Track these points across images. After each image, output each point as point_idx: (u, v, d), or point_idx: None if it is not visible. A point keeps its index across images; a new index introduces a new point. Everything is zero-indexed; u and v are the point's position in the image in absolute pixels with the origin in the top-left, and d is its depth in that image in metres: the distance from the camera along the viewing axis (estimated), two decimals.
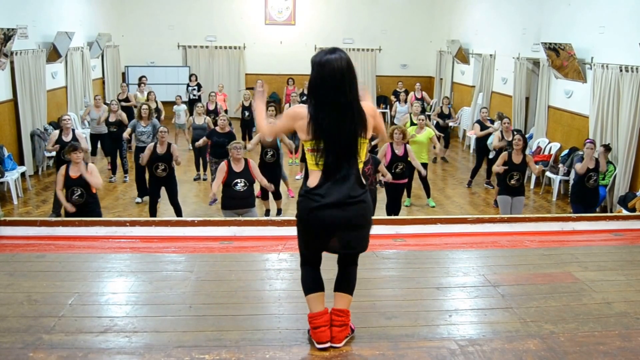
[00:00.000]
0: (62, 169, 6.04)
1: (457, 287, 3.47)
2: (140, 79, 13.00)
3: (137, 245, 4.20)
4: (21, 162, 9.41)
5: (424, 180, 8.63)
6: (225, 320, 2.97)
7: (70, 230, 4.36)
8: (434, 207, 8.66)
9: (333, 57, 2.53)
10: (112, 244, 4.22)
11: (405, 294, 3.36)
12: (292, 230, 2.82)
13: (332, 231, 2.60)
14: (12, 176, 8.47)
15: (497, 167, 6.95)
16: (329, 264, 2.81)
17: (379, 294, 3.35)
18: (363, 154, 2.63)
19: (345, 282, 2.74)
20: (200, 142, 8.71)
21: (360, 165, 2.63)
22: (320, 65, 2.55)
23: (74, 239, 4.27)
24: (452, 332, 2.90)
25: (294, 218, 2.77)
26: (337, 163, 2.56)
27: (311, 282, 2.73)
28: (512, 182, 6.85)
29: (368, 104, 2.65)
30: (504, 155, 6.97)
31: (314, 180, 2.59)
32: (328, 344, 2.67)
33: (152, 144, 7.42)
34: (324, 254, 2.75)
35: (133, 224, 4.41)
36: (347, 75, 2.53)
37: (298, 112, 2.64)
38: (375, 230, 4.43)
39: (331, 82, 2.52)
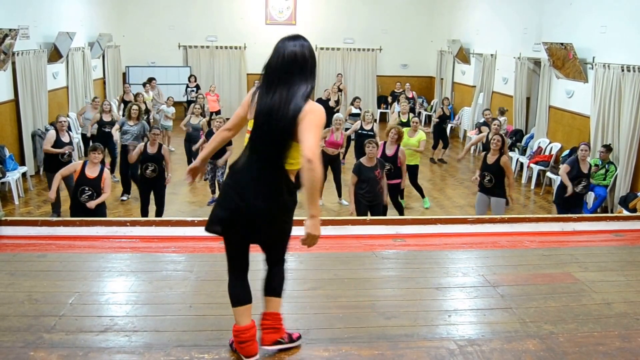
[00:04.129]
0: (80, 164, 6.06)
1: (457, 287, 3.48)
2: (150, 80, 13.05)
3: (137, 245, 4.21)
4: (22, 162, 9.41)
5: (414, 182, 8.60)
6: (225, 320, 2.97)
7: (71, 230, 4.37)
8: (427, 207, 8.62)
9: (289, 44, 2.48)
10: (112, 243, 4.23)
11: (405, 294, 3.37)
12: (292, 231, 2.81)
13: (240, 221, 2.49)
14: (13, 176, 8.48)
15: (471, 141, 6.86)
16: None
17: (379, 294, 3.36)
18: (293, 154, 2.44)
19: (273, 284, 2.65)
20: (198, 144, 8.70)
21: (293, 167, 2.46)
22: (275, 49, 2.51)
23: (74, 239, 4.28)
24: (451, 332, 2.90)
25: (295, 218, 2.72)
26: (259, 151, 2.45)
27: (238, 292, 2.60)
28: (485, 181, 6.69)
29: (316, 107, 2.44)
30: (482, 137, 6.80)
31: (237, 161, 2.54)
32: (257, 357, 2.58)
33: (143, 143, 7.37)
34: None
35: (133, 223, 4.42)
36: (294, 64, 2.44)
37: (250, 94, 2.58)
38: (375, 230, 4.48)
39: (275, 66, 2.46)
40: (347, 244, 4.26)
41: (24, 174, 9.07)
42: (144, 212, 7.50)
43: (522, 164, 10.61)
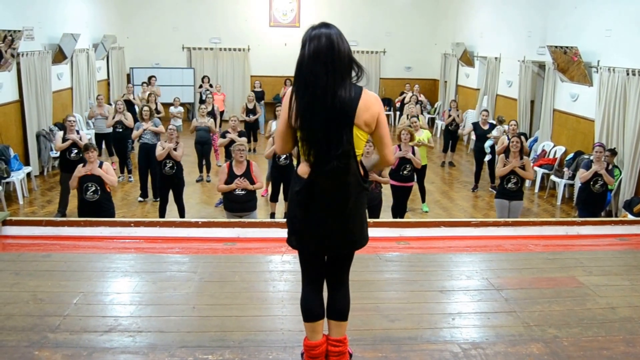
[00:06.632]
0: (80, 165, 6.21)
1: (461, 290, 3.47)
2: (149, 78, 13.13)
3: (141, 245, 4.22)
4: (27, 163, 9.45)
5: (421, 183, 8.60)
6: (229, 321, 2.98)
7: (76, 230, 4.39)
8: (427, 212, 8.61)
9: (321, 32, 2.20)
10: (116, 244, 4.24)
11: (409, 297, 3.36)
12: None
13: (322, 238, 2.37)
14: (17, 176, 8.50)
15: (500, 170, 6.92)
16: None
17: (383, 297, 3.36)
18: (360, 146, 2.29)
19: (339, 308, 2.49)
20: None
21: (359, 156, 2.32)
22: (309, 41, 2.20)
23: (79, 239, 4.30)
24: (455, 335, 2.90)
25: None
26: (322, 156, 2.21)
27: (310, 307, 2.46)
28: (510, 185, 6.77)
29: (372, 95, 2.30)
30: (502, 158, 6.93)
31: (302, 171, 2.31)
32: None
33: (163, 141, 7.55)
34: None
35: (137, 224, 4.43)
36: (330, 54, 2.16)
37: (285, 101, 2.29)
38: (379, 232, 4.48)
39: (310, 61, 2.17)
40: None
41: (28, 174, 9.11)
42: (162, 212, 7.54)
43: None
